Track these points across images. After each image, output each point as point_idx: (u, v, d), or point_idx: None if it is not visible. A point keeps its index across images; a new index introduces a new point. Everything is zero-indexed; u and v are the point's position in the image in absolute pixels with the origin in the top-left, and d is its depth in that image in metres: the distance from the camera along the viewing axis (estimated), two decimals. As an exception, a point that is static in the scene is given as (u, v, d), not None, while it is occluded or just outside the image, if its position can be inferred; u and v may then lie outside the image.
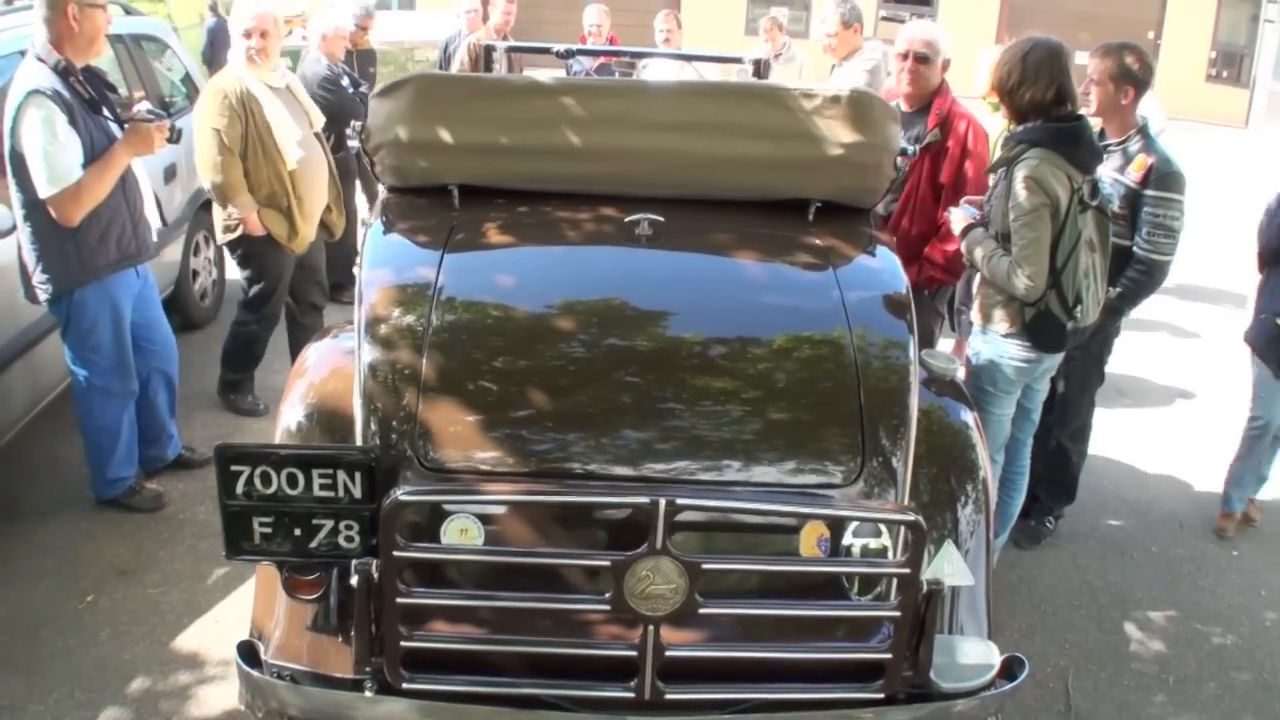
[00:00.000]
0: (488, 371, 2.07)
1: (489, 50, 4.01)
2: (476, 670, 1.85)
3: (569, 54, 3.83)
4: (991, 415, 2.97)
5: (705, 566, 1.74)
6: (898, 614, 1.81)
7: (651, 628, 1.76)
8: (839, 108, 2.58)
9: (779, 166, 2.59)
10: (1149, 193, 3.06)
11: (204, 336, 4.77)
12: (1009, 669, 2.02)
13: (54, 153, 2.87)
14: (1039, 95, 2.74)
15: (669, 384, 2.07)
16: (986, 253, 2.82)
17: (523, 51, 5.03)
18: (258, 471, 1.91)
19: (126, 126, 3.09)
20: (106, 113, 3.09)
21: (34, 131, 2.85)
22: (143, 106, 3.23)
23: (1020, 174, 2.70)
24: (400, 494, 1.74)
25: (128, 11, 4.83)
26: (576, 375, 2.08)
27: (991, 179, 2.94)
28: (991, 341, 2.92)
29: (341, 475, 1.90)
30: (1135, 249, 3.11)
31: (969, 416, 2.43)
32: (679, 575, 1.73)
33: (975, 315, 3.00)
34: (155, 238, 3.40)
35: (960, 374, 2.59)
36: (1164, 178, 3.07)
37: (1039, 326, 2.80)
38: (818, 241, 2.50)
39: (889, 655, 1.83)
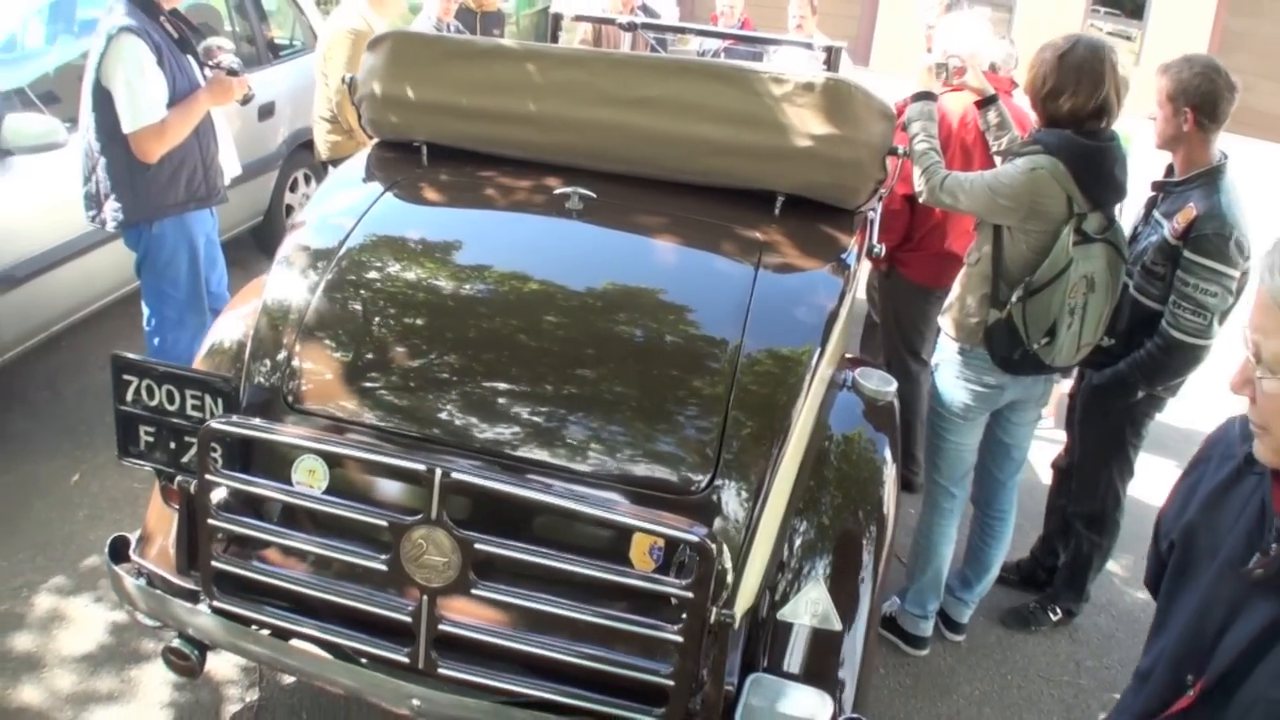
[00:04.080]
0: (364, 324, 2.12)
1: (556, 19, 4.03)
2: (300, 610, 1.91)
3: (632, 27, 3.80)
4: (947, 443, 2.74)
5: (479, 546, 1.72)
6: (679, 640, 1.71)
7: (426, 597, 1.75)
8: (811, 96, 2.41)
9: (739, 153, 2.46)
10: (1185, 253, 2.52)
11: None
12: None
13: (140, 89, 2.95)
14: (1080, 105, 2.40)
15: (533, 364, 2.04)
16: (925, 135, 2.63)
17: (592, 21, 5.06)
18: (143, 384, 2.08)
19: (209, 75, 3.22)
20: (190, 57, 3.22)
21: (123, 67, 2.93)
22: (227, 58, 3.30)
23: (1020, 163, 2.45)
24: (212, 422, 1.82)
25: None
26: (446, 341, 2.09)
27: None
28: (952, 361, 2.68)
29: (208, 399, 2.04)
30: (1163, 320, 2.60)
31: (887, 450, 2.24)
32: (453, 550, 1.72)
33: (944, 321, 2.73)
34: (228, 182, 3.50)
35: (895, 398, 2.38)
36: (1205, 239, 2.48)
37: (995, 333, 2.52)
38: (759, 237, 2.36)
39: (671, 682, 1.73)
